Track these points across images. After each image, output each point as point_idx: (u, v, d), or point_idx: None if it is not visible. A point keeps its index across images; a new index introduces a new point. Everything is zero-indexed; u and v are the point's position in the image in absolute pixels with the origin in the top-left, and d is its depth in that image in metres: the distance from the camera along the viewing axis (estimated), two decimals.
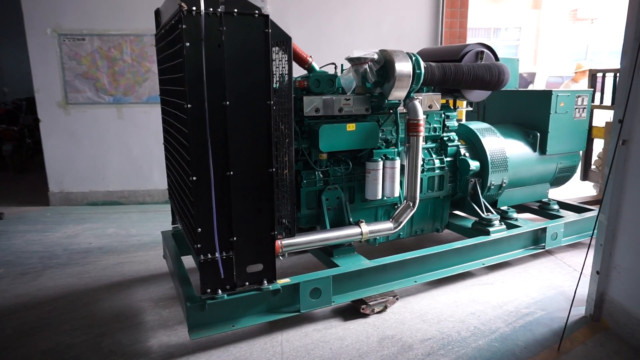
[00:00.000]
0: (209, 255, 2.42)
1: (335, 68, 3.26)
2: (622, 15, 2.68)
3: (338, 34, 6.05)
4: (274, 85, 2.51)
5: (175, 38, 2.38)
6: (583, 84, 6.77)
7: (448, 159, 3.73)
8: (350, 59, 3.00)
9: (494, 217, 3.67)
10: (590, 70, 5.54)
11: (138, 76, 5.84)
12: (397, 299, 3.14)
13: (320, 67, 3.14)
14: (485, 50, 3.65)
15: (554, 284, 3.52)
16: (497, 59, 3.72)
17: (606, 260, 2.84)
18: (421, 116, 3.10)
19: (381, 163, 3.21)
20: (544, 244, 3.82)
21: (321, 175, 3.20)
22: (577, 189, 5.96)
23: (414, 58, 3.03)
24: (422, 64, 3.06)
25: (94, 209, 5.84)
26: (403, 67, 2.95)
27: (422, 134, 3.14)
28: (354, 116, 3.20)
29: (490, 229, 3.61)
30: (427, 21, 6.26)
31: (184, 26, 2.14)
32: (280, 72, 2.52)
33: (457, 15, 6.34)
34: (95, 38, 5.66)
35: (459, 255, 3.45)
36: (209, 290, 2.49)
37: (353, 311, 3.07)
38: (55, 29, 5.57)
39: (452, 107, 3.82)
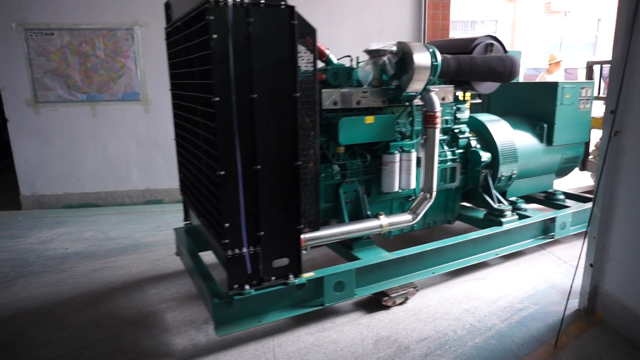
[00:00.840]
0: (236, 251, 2.39)
1: (351, 60, 3.25)
2: (594, 8, 2.71)
3: (319, 26, 5.86)
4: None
5: (199, 30, 2.34)
6: (557, 75, 6.88)
7: (459, 150, 3.76)
8: (368, 51, 2.98)
9: (506, 207, 3.71)
10: (588, 62, 5.62)
11: (112, 72, 5.60)
12: (417, 290, 3.16)
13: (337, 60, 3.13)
14: (495, 43, 3.67)
15: (545, 277, 3.50)
16: (505, 51, 3.75)
17: (600, 253, 2.80)
18: (438, 108, 3.11)
19: (398, 155, 3.21)
20: (553, 234, 3.88)
21: (338, 168, 3.19)
22: (576, 180, 6.06)
23: (431, 50, 3.03)
24: (439, 56, 3.06)
25: (69, 212, 5.59)
26: (421, 59, 2.95)
27: (439, 126, 3.15)
28: (370, 109, 3.20)
29: (503, 220, 3.65)
30: (410, 13, 6.22)
31: (211, 17, 2.10)
32: (305, 65, 2.49)
33: (440, 7, 6.32)
34: (65, 32, 5.38)
35: (474, 246, 3.49)
36: (235, 285, 2.46)
37: (374, 304, 3.08)
38: (20, 24, 5.28)
39: (462, 100, 3.84)
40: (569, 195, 4.52)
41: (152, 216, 5.37)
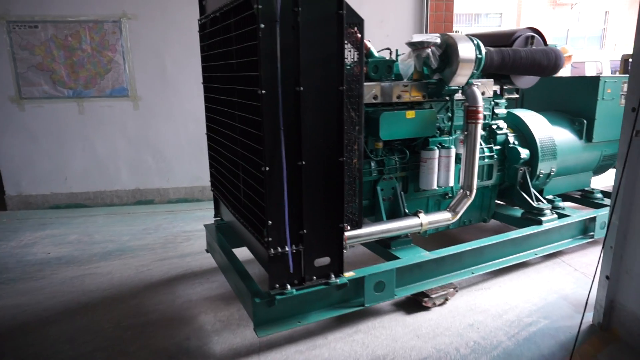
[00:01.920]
0: (279, 249, 2.32)
1: (390, 53, 3.14)
2: (601, 0, 2.50)
3: None
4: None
5: (243, 20, 2.25)
6: (564, 70, 6.65)
7: (497, 147, 3.63)
8: (411, 44, 2.88)
9: (546, 206, 3.58)
10: (623, 55, 5.43)
11: (100, 67, 5.31)
12: (456, 290, 3.06)
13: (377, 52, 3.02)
14: (536, 36, 3.54)
15: (555, 287, 3.23)
16: (545, 44, 3.61)
17: (617, 264, 2.54)
18: (480, 103, 3.00)
19: (437, 152, 3.11)
20: (592, 233, 3.75)
21: (376, 164, 3.09)
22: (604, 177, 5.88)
23: (475, 42, 2.92)
24: (484, 48, 2.95)
25: (56, 213, 5.35)
26: (466, 51, 2.83)
27: (481, 121, 3.03)
28: (410, 103, 3.09)
29: (543, 219, 3.53)
30: (412, 4, 5.89)
31: (259, 6, 2.01)
32: (351, 57, 2.40)
33: (443, 3, 5.98)
34: (50, 25, 5.11)
35: (513, 246, 3.37)
36: (277, 285, 2.39)
37: (413, 304, 2.99)
38: (2, 16, 5.03)
39: (499, 94, 3.71)
40: (606, 194, 4.37)
41: (141, 218, 5.14)
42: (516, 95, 3.94)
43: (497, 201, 4.10)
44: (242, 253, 3.04)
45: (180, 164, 5.72)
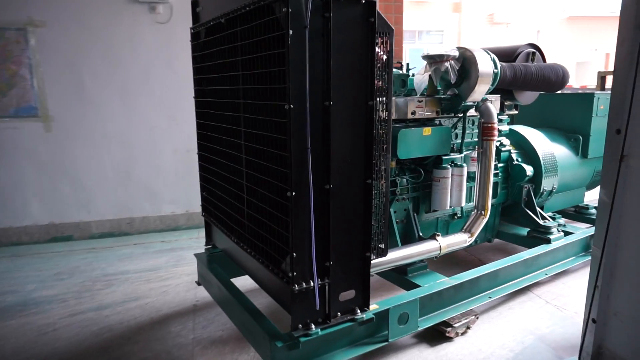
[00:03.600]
0: (303, 284, 2.04)
1: (401, 67, 2.97)
2: (533, 20, 2.45)
3: None
4: None
5: (261, 26, 2.00)
6: None
7: (500, 164, 3.54)
8: (428, 57, 2.72)
9: (553, 224, 3.51)
10: (599, 73, 5.60)
11: (1, 82, 4.44)
12: (477, 318, 2.88)
13: None
14: (536, 52, 3.50)
15: (530, 326, 2.91)
16: (544, 60, 3.58)
17: (604, 305, 2.21)
18: (496, 119, 2.88)
19: (450, 170, 2.95)
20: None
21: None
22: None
23: (491, 56, 2.80)
24: (499, 63, 2.84)
25: None
26: (486, 66, 2.71)
27: (496, 138, 2.91)
28: (422, 120, 2.93)
29: (551, 237, 3.45)
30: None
31: (289, 9, 1.77)
32: (379, 69, 2.19)
33: (392, 20, 5.78)
34: None
35: (524, 267, 3.25)
36: (300, 325, 2.10)
37: (432, 334, 2.77)
38: None
39: (501, 110, 3.63)
40: None
41: (55, 259, 4.23)
42: (515, 112, 3.88)
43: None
44: (240, 282, 2.74)
45: (103, 193, 4.85)
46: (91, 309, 3.23)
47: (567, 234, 3.63)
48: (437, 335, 2.76)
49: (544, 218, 3.60)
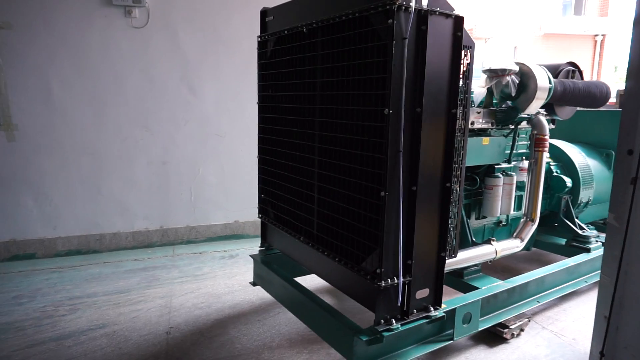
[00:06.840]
0: (388, 281, 2.15)
1: None
2: (511, 36, 2.63)
3: (235, 38, 4.73)
4: None
5: (358, 36, 2.14)
6: None
7: None
8: (490, 71, 2.87)
9: (592, 234, 3.65)
10: (618, 91, 5.81)
11: None
12: (529, 320, 2.99)
13: None
14: (576, 70, 3.67)
15: (528, 356, 2.75)
16: (582, 78, 3.75)
17: (612, 338, 2.04)
18: (547, 131, 3.03)
19: (502, 179, 3.09)
20: None
21: None
22: None
23: (546, 71, 2.96)
24: (552, 78, 3.00)
25: None
26: (543, 80, 2.87)
27: (547, 149, 3.06)
28: (476, 130, 3.07)
29: (591, 246, 3.58)
30: None
31: (394, 22, 1.91)
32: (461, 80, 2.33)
33: None
34: None
35: (567, 274, 3.38)
36: (382, 320, 2.20)
37: (487, 336, 2.87)
38: None
39: None
40: None
41: (15, 280, 3.82)
42: (552, 126, 4.04)
43: None
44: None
45: (71, 208, 4.48)
46: (52, 339, 2.88)
47: (603, 244, 3.76)
48: (491, 337, 2.86)
49: (581, 228, 3.74)
